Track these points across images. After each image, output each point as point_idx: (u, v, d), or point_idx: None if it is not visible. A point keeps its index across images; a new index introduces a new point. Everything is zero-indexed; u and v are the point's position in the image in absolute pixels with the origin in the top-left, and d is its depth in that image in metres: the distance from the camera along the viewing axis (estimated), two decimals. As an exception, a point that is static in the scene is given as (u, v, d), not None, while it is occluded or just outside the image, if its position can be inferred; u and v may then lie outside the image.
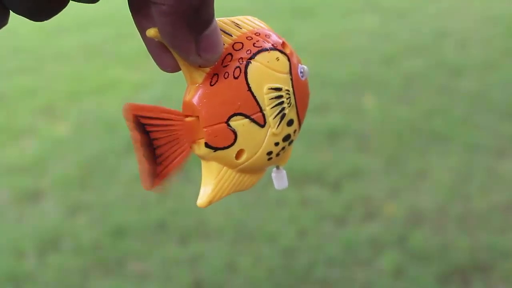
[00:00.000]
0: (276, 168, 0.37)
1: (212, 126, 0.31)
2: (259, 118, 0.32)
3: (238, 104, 0.32)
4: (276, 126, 0.33)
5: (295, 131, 0.35)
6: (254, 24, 0.34)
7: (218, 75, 0.31)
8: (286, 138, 0.34)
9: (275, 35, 0.34)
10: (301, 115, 0.35)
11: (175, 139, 0.31)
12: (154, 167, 0.31)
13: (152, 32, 0.29)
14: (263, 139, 0.33)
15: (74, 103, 2.39)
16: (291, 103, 0.34)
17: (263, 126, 0.33)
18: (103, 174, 1.86)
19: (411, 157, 1.84)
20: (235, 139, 0.32)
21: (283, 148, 0.34)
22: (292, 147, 0.36)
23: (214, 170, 0.33)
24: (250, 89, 0.32)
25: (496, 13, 3.10)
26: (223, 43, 0.31)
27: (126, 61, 2.79)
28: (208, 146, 0.32)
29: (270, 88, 0.33)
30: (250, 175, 0.34)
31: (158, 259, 1.47)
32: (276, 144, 0.34)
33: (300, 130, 0.35)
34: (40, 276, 1.43)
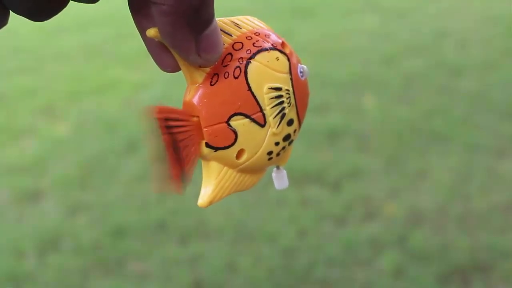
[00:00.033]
0: (277, 168, 0.37)
1: (213, 126, 0.31)
2: (259, 118, 0.32)
3: (238, 104, 0.32)
4: (276, 126, 0.33)
5: (295, 131, 0.35)
6: (254, 24, 0.34)
7: (218, 75, 0.31)
8: (286, 138, 0.34)
9: (274, 35, 0.34)
10: (301, 115, 0.35)
11: (191, 139, 0.31)
12: (183, 169, 0.31)
13: (152, 32, 0.29)
14: (264, 139, 0.33)
15: (74, 103, 2.39)
16: (291, 103, 0.34)
17: (263, 125, 0.33)
18: (103, 174, 1.86)
19: (411, 157, 1.84)
20: (236, 139, 0.32)
21: (283, 148, 0.34)
22: (292, 147, 0.36)
23: (214, 170, 0.33)
24: (250, 88, 0.32)
25: (496, 13, 3.10)
26: (223, 43, 0.31)
27: (126, 61, 2.79)
28: (208, 146, 0.32)
29: (270, 87, 0.33)
30: (250, 175, 0.34)
31: (158, 259, 1.47)
32: (277, 143, 0.34)
33: (300, 130, 0.35)
34: (40, 276, 1.43)
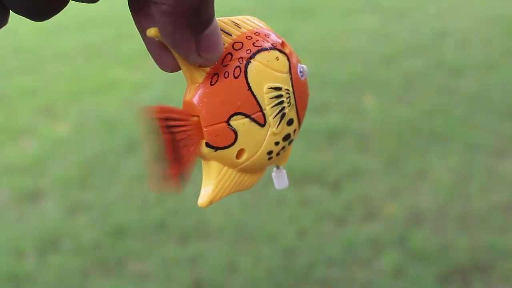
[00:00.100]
0: (276, 168, 0.37)
1: (213, 126, 0.31)
2: (259, 118, 0.32)
3: (238, 103, 0.32)
4: (276, 126, 0.33)
5: (295, 131, 0.35)
6: (254, 23, 0.34)
7: (218, 74, 0.31)
8: (286, 138, 0.34)
9: (274, 35, 0.34)
10: (301, 115, 0.35)
11: (191, 139, 0.31)
12: (182, 168, 0.31)
13: (152, 31, 0.29)
14: (264, 139, 0.33)
15: (74, 103, 2.39)
16: (291, 103, 0.34)
17: (263, 125, 0.33)
18: (103, 174, 1.86)
19: (411, 157, 1.84)
20: (236, 139, 0.32)
21: (283, 148, 0.34)
22: (292, 147, 0.36)
23: (214, 170, 0.33)
24: (250, 88, 0.32)
25: (496, 13, 3.10)
26: (223, 43, 0.31)
27: (126, 61, 2.79)
28: (208, 146, 0.32)
29: (270, 87, 0.33)
30: (250, 175, 0.34)
31: (158, 259, 1.47)
32: (276, 143, 0.34)
33: (300, 129, 0.35)
34: (40, 276, 1.43)
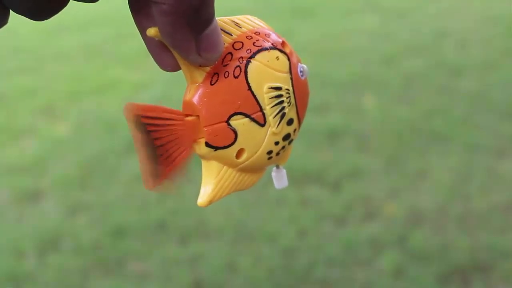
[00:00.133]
0: (276, 167, 0.37)
1: (213, 125, 0.31)
2: (259, 117, 0.32)
3: (238, 103, 0.32)
4: (276, 125, 0.33)
5: (295, 130, 0.35)
6: (254, 23, 0.34)
7: (218, 74, 0.31)
8: (286, 137, 0.34)
9: (274, 35, 0.34)
10: (301, 114, 0.35)
11: (176, 138, 0.31)
12: (156, 167, 0.31)
13: (152, 31, 0.29)
14: (263, 138, 0.33)
15: (74, 103, 2.39)
16: (291, 102, 0.34)
17: (263, 125, 0.33)
18: (103, 174, 1.86)
19: (411, 157, 1.84)
20: (236, 138, 0.32)
21: (283, 147, 0.34)
22: (292, 147, 0.36)
23: (214, 170, 0.33)
24: (250, 88, 0.32)
25: (496, 13, 3.10)
26: (223, 42, 0.31)
27: (126, 61, 2.79)
28: (208, 146, 0.32)
29: (270, 87, 0.33)
30: (250, 175, 0.34)
31: (158, 259, 1.47)
32: (276, 143, 0.34)
33: (300, 129, 0.35)
34: (40, 276, 1.43)
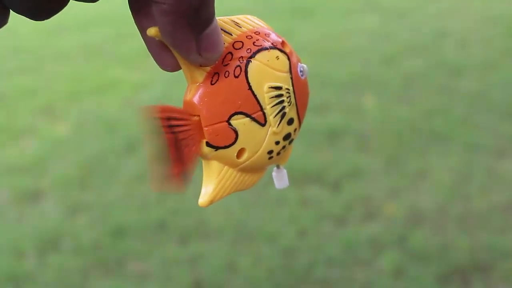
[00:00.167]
0: (277, 167, 0.37)
1: (213, 125, 0.31)
2: (260, 117, 0.32)
3: (238, 103, 0.32)
4: (276, 125, 0.33)
5: (295, 130, 0.35)
6: (254, 23, 0.34)
7: (218, 74, 0.31)
8: (286, 137, 0.34)
9: (274, 34, 0.34)
10: (301, 114, 0.35)
11: (188, 137, 0.31)
12: (185, 168, 0.31)
13: (152, 31, 0.29)
14: (264, 138, 0.33)
15: (74, 103, 2.39)
16: (291, 102, 0.34)
17: (263, 125, 0.33)
18: (103, 174, 1.86)
19: (411, 157, 1.84)
20: (236, 138, 0.32)
21: (283, 147, 0.34)
22: (293, 146, 0.36)
23: (215, 170, 0.33)
24: (250, 88, 0.32)
25: (496, 13, 3.10)
26: (224, 42, 0.31)
27: (126, 61, 2.79)
28: (209, 145, 0.32)
29: (271, 87, 0.33)
30: (251, 174, 0.34)
31: (158, 259, 1.47)
32: (277, 143, 0.34)
33: (300, 129, 0.35)
34: (40, 276, 1.43)
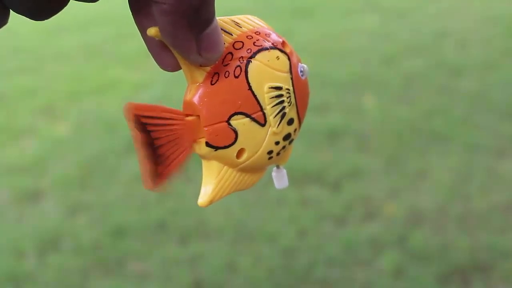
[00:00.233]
0: (277, 167, 0.37)
1: (213, 125, 0.31)
2: (260, 117, 0.32)
3: (238, 103, 0.32)
4: (276, 125, 0.33)
5: (295, 130, 0.35)
6: (254, 23, 0.34)
7: (218, 74, 0.31)
8: (286, 137, 0.34)
9: (275, 34, 0.34)
10: (301, 114, 0.35)
11: (176, 138, 0.31)
12: (156, 167, 0.31)
13: (152, 31, 0.29)
14: (264, 138, 0.33)
15: (74, 103, 2.39)
16: (291, 102, 0.34)
17: (263, 125, 0.33)
18: (103, 174, 1.86)
19: (411, 157, 1.84)
20: (236, 138, 0.32)
21: (283, 147, 0.34)
22: (293, 146, 0.36)
23: (214, 170, 0.33)
24: (250, 88, 0.32)
25: (496, 13, 3.10)
26: (224, 42, 0.31)
27: (126, 61, 2.79)
28: (208, 145, 0.32)
29: (271, 87, 0.32)
30: (250, 174, 0.34)
31: (158, 259, 1.47)
32: (277, 143, 0.34)
33: (300, 129, 0.35)
34: (40, 276, 1.43)
